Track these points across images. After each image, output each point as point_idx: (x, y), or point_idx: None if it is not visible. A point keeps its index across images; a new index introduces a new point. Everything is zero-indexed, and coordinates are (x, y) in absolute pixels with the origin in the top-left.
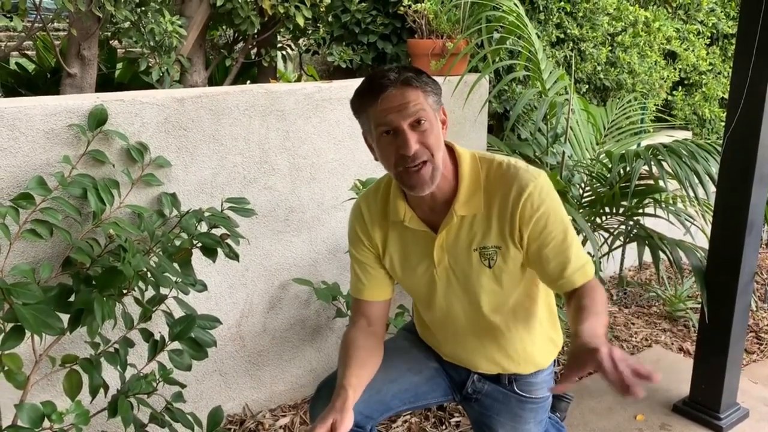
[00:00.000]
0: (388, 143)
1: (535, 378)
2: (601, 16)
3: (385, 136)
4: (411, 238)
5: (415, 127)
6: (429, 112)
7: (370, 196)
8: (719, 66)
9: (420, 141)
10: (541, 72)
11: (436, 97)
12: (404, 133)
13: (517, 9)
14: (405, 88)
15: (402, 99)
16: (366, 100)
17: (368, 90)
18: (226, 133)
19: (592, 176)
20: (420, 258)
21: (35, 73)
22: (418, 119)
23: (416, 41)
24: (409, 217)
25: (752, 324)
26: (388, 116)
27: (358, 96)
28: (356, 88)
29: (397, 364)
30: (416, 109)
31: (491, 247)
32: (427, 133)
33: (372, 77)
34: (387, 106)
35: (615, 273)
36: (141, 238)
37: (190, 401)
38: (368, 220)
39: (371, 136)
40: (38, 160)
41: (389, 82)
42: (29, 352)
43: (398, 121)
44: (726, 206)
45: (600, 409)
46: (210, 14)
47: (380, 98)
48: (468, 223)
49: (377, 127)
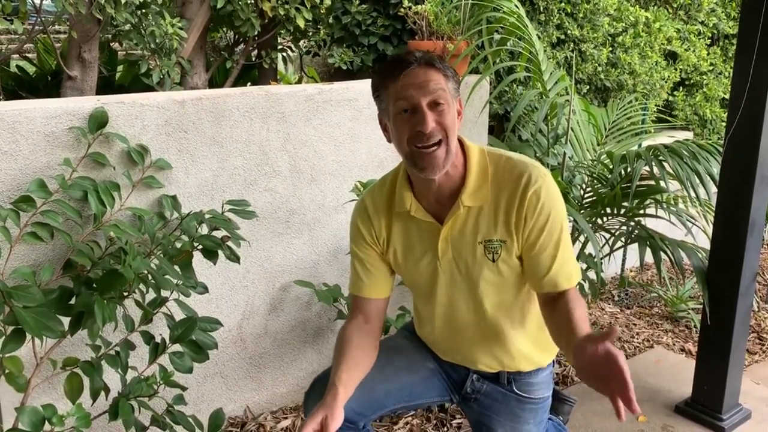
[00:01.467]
0: (404, 121)
1: (535, 378)
2: (602, 17)
3: (403, 115)
4: (416, 230)
5: (433, 107)
6: (448, 95)
7: (375, 190)
8: (720, 66)
9: (437, 121)
10: (542, 73)
11: (455, 85)
12: (422, 110)
13: (517, 10)
14: (428, 68)
15: (424, 77)
16: (388, 75)
17: (391, 66)
18: (227, 136)
19: (593, 177)
20: (424, 250)
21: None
22: (437, 99)
23: (417, 43)
24: (415, 208)
25: (754, 324)
26: (408, 91)
27: (380, 72)
28: (379, 67)
29: (392, 363)
30: (436, 88)
31: (496, 240)
32: (445, 114)
33: (397, 55)
34: (409, 82)
35: (616, 274)
36: (142, 241)
37: (191, 404)
38: (372, 213)
39: (387, 115)
40: (39, 163)
41: (414, 59)
42: (30, 355)
43: (418, 98)
44: (727, 206)
45: (602, 411)
46: (210, 16)
47: (403, 74)
48: (474, 215)
49: (396, 102)
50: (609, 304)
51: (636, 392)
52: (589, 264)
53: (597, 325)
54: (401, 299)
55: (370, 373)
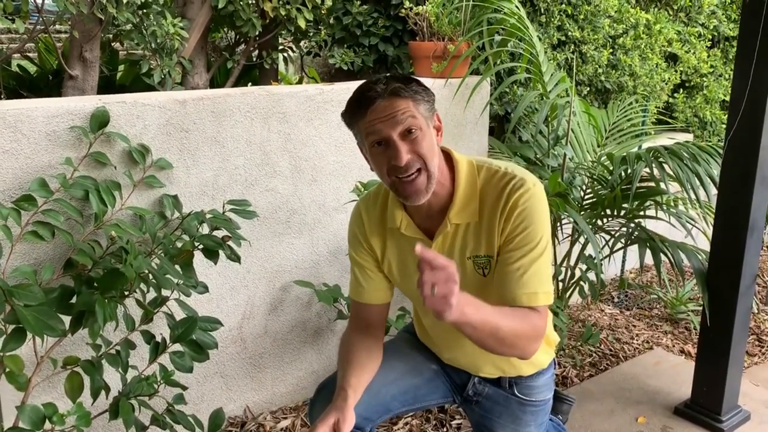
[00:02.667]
0: (379, 154)
1: (536, 381)
2: (603, 19)
3: (377, 147)
4: (408, 246)
5: (405, 136)
6: (420, 120)
7: (369, 202)
8: (720, 68)
9: (412, 150)
10: (543, 74)
11: (428, 105)
12: (395, 143)
13: (518, 11)
14: (393, 99)
15: (391, 109)
16: (355, 113)
17: (357, 103)
18: (228, 135)
19: (593, 178)
20: (416, 265)
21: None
22: (408, 128)
23: (418, 44)
24: (405, 225)
25: (753, 326)
26: (376, 126)
27: (347, 110)
28: (347, 101)
29: (396, 366)
30: (405, 118)
31: (483, 256)
32: (418, 141)
33: (360, 90)
34: (376, 117)
35: (616, 275)
36: (142, 240)
37: (191, 403)
38: (367, 227)
39: (364, 147)
40: (40, 162)
41: (376, 94)
42: (31, 353)
43: (388, 132)
44: (727, 208)
45: (601, 412)
46: (211, 16)
47: (369, 110)
48: (462, 232)
49: (368, 137)
50: (609, 305)
51: (635, 394)
52: (589, 265)
53: (597, 327)
54: (401, 300)
55: (375, 377)
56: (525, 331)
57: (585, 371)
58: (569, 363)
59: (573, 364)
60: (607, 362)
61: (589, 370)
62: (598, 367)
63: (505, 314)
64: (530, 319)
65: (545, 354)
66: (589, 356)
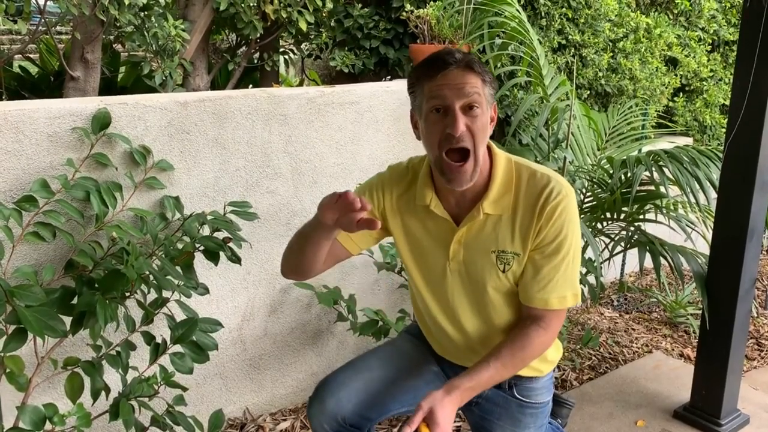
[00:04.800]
0: (435, 121)
1: (536, 383)
2: (603, 23)
3: (434, 114)
4: (432, 225)
5: (466, 110)
6: (483, 100)
7: (396, 174)
8: (720, 72)
9: (468, 125)
10: (543, 78)
11: (492, 90)
12: (455, 112)
13: (519, 15)
14: (466, 71)
15: (461, 79)
16: (426, 72)
17: (430, 64)
18: (229, 137)
19: (593, 182)
20: (434, 247)
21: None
22: (471, 103)
23: (418, 46)
24: (435, 204)
25: (753, 330)
26: (443, 91)
27: (418, 68)
28: (420, 62)
29: (397, 366)
30: (472, 92)
31: (510, 252)
32: (477, 120)
33: (437, 53)
34: (445, 83)
35: (616, 278)
36: (143, 241)
37: (191, 404)
38: (386, 197)
39: (420, 112)
40: (42, 163)
41: (453, 60)
42: (31, 354)
43: (452, 99)
44: (727, 212)
45: (601, 415)
46: (213, 18)
47: (441, 73)
48: (492, 223)
49: (429, 101)
50: (608, 308)
51: (634, 397)
52: (589, 268)
53: (596, 330)
54: (401, 302)
55: (375, 377)
56: (531, 353)
57: (584, 374)
58: (568, 366)
59: (572, 367)
60: (606, 365)
61: (588, 374)
62: (598, 370)
63: (501, 356)
64: (532, 340)
65: (547, 363)
66: (588, 359)
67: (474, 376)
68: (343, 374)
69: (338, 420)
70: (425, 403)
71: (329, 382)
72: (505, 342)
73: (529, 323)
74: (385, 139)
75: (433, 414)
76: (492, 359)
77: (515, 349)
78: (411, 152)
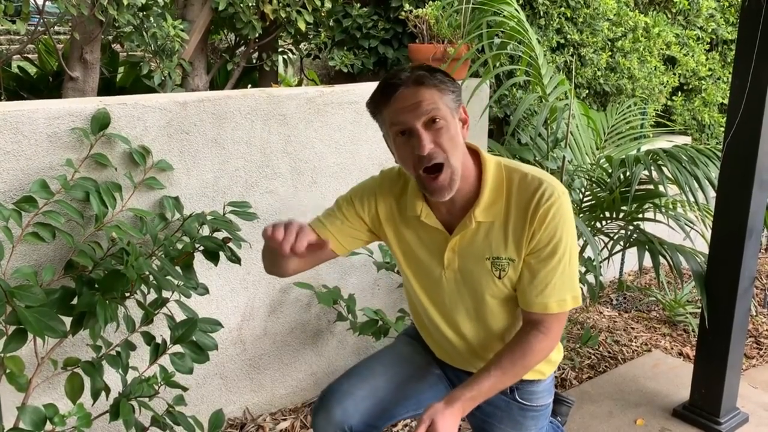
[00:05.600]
0: (403, 144)
1: (537, 386)
2: (601, 22)
3: (401, 137)
4: (424, 234)
5: (429, 126)
6: (444, 111)
7: (387, 181)
8: (719, 71)
9: (434, 140)
10: (542, 77)
11: (453, 95)
12: (418, 133)
13: (518, 14)
14: (418, 88)
15: (414, 98)
16: (380, 101)
17: (381, 91)
18: (228, 137)
19: (592, 181)
20: (429, 256)
21: (37, 76)
22: (432, 118)
23: (417, 46)
24: (426, 214)
25: (752, 329)
26: (401, 116)
27: (372, 98)
28: (373, 91)
29: (399, 372)
30: (429, 108)
31: (505, 258)
32: (442, 132)
33: (385, 79)
34: (400, 106)
35: (615, 277)
36: (143, 242)
37: (191, 404)
38: (380, 206)
39: (389, 138)
40: (41, 164)
41: (401, 82)
42: (31, 354)
43: (411, 121)
44: (726, 211)
45: (600, 414)
46: (212, 18)
47: (392, 98)
48: (485, 231)
49: (391, 127)
50: (607, 307)
51: (634, 396)
52: (588, 267)
53: (595, 329)
54: (401, 302)
55: (379, 384)
56: (533, 359)
57: (583, 373)
58: (568, 365)
59: (572, 366)
60: (605, 364)
61: (587, 372)
62: (597, 369)
63: (502, 364)
64: (532, 346)
65: (548, 365)
66: (587, 358)
67: (475, 386)
68: (348, 382)
69: (344, 429)
70: (426, 416)
71: (334, 391)
72: (505, 350)
73: (529, 329)
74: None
75: (435, 426)
76: (493, 368)
77: (516, 357)
78: None
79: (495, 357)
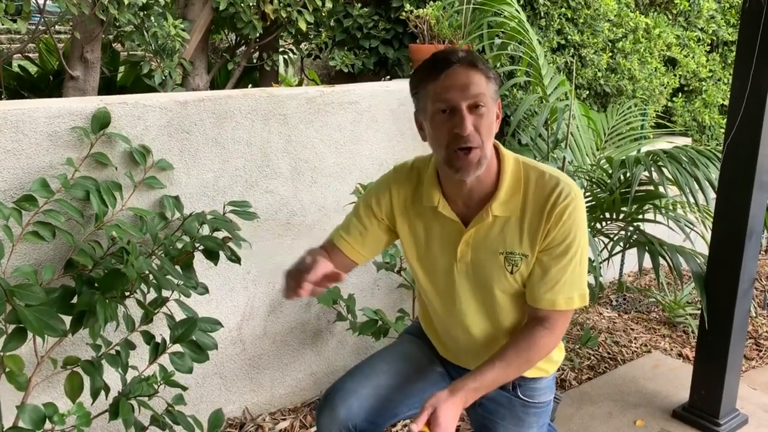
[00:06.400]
0: (442, 122)
1: (539, 383)
2: (602, 23)
3: (441, 115)
4: (438, 226)
5: (472, 109)
6: (488, 98)
7: (402, 176)
8: (719, 73)
9: (475, 124)
10: (542, 77)
11: (496, 87)
12: (461, 113)
13: (518, 15)
14: (470, 69)
15: (465, 79)
16: (429, 74)
17: (433, 65)
18: (229, 137)
19: (592, 182)
20: (441, 249)
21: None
22: (477, 103)
23: (418, 46)
24: (443, 205)
25: (751, 330)
26: (448, 93)
27: (420, 70)
28: (420, 64)
29: (402, 371)
30: (477, 92)
31: (519, 254)
32: (483, 118)
33: (438, 54)
34: (450, 84)
35: (614, 278)
36: (143, 241)
37: (190, 404)
38: (395, 201)
39: (424, 114)
40: (41, 162)
41: (456, 59)
42: (31, 353)
43: (458, 100)
44: (726, 212)
45: (600, 415)
46: (212, 18)
47: (444, 74)
48: (500, 225)
49: (434, 103)
50: (607, 308)
51: (633, 397)
52: (588, 268)
53: (595, 330)
54: (401, 301)
55: (382, 383)
56: (537, 354)
57: (583, 374)
58: (567, 366)
59: (571, 367)
60: (605, 365)
61: (587, 373)
62: (597, 370)
63: (506, 357)
64: (537, 341)
65: (551, 361)
66: (587, 359)
67: (478, 377)
68: (352, 381)
69: (349, 428)
70: (429, 404)
71: (338, 389)
72: (510, 343)
73: (534, 324)
74: (385, 138)
75: (436, 414)
76: (497, 360)
77: (520, 351)
78: (411, 152)
79: (499, 350)
